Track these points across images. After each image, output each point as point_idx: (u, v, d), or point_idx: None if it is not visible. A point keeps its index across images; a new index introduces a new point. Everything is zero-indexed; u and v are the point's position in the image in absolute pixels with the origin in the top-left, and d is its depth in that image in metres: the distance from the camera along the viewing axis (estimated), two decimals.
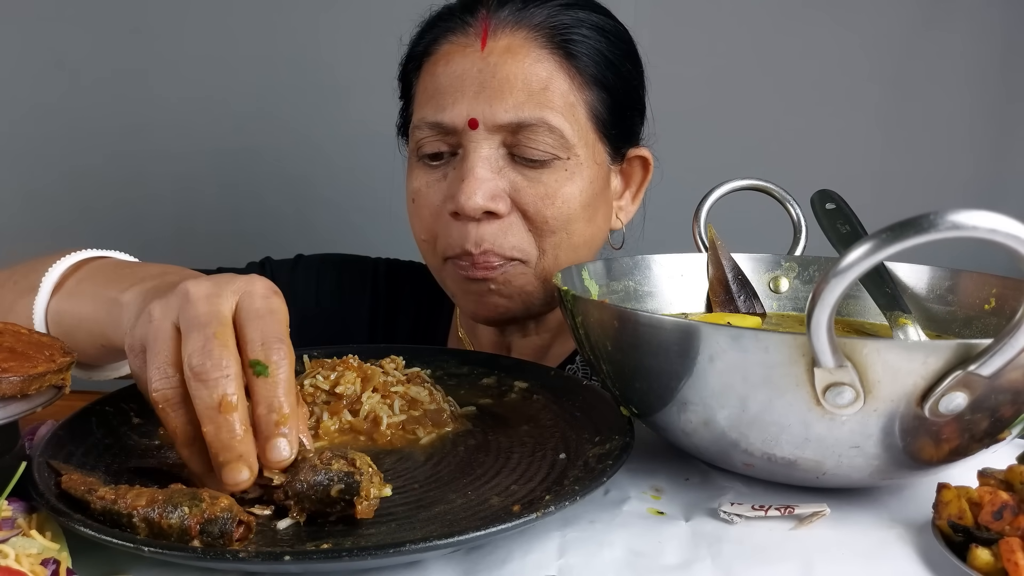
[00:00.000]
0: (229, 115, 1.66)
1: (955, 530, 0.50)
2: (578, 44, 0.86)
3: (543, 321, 0.99)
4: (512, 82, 0.83)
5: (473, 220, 0.84)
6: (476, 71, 0.84)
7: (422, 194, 0.89)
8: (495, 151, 0.84)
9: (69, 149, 1.67)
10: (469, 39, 0.86)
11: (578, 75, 0.86)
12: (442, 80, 0.86)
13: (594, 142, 0.88)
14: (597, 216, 0.91)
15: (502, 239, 0.85)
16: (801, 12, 1.63)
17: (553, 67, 0.84)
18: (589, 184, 0.87)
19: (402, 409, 0.69)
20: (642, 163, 0.97)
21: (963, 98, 1.64)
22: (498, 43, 0.84)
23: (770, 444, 0.55)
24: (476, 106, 0.83)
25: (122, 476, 0.58)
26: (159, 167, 1.68)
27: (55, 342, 0.59)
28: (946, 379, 0.48)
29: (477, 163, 0.83)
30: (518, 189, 0.85)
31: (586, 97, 0.87)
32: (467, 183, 0.82)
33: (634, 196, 0.98)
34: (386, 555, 0.46)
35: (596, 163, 0.88)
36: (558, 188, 0.84)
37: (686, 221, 0.86)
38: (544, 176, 0.84)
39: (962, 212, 0.43)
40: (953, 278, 0.77)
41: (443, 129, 0.85)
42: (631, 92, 0.92)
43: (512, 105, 0.83)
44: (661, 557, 0.52)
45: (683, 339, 0.54)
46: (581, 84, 0.86)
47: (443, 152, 0.87)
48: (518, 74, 0.83)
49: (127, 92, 1.66)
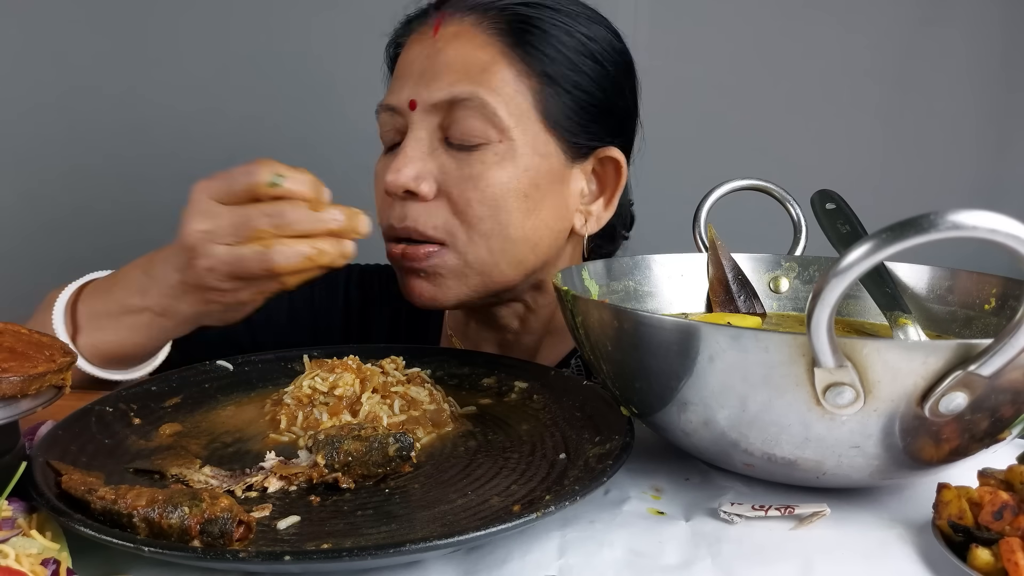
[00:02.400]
0: (228, 115, 1.66)
1: (955, 530, 0.50)
2: (532, 35, 0.85)
3: (527, 322, 0.98)
4: (452, 64, 0.84)
5: (399, 198, 0.86)
6: (424, 56, 0.86)
7: (376, 176, 0.92)
8: (430, 133, 0.86)
9: (69, 149, 1.67)
10: (427, 28, 0.89)
11: (524, 64, 0.85)
12: (399, 67, 0.90)
13: (536, 131, 0.85)
14: (540, 211, 0.87)
15: (424, 218, 0.85)
16: (801, 12, 1.63)
17: (498, 52, 0.85)
18: (524, 172, 0.85)
19: (402, 409, 0.69)
20: (615, 166, 0.92)
21: (963, 97, 1.64)
22: (448, 30, 0.87)
23: (770, 444, 0.55)
24: (417, 88, 0.85)
25: (122, 476, 0.59)
26: (158, 167, 1.67)
27: (55, 342, 0.59)
28: (946, 379, 0.48)
29: (409, 143, 0.85)
30: (446, 172, 0.85)
31: (533, 86, 0.85)
32: (396, 161, 0.85)
33: (608, 201, 0.93)
34: (386, 555, 0.46)
35: (538, 154, 0.86)
36: (484, 171, 0.84)
37: (686, 221, 0.86)
38: (473, 160, 0.84)
39: (962, 212, 0.43)
40: (953, 278, 0.77)
41: (392, 111, 0.88)
42: (599, 95, 0.89)
43: (447, 83, 0.84)
44: (661, 557, 0.52)
45: (683, 339, 0.54)
46: (528, 73, 0.85)
47: (397, 141, 0.89)
48: (460, 56, 0.85)
49: (126, 92, 1.66)
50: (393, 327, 1.08)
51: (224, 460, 0.62)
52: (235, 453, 0.64)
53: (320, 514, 0.54)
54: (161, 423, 0.68)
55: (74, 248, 1.69)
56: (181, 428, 0.68)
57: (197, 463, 0.60)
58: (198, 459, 0.61)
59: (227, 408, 0.73)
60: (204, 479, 0.57)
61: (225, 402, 0.74)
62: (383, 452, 0.58)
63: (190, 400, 0.73)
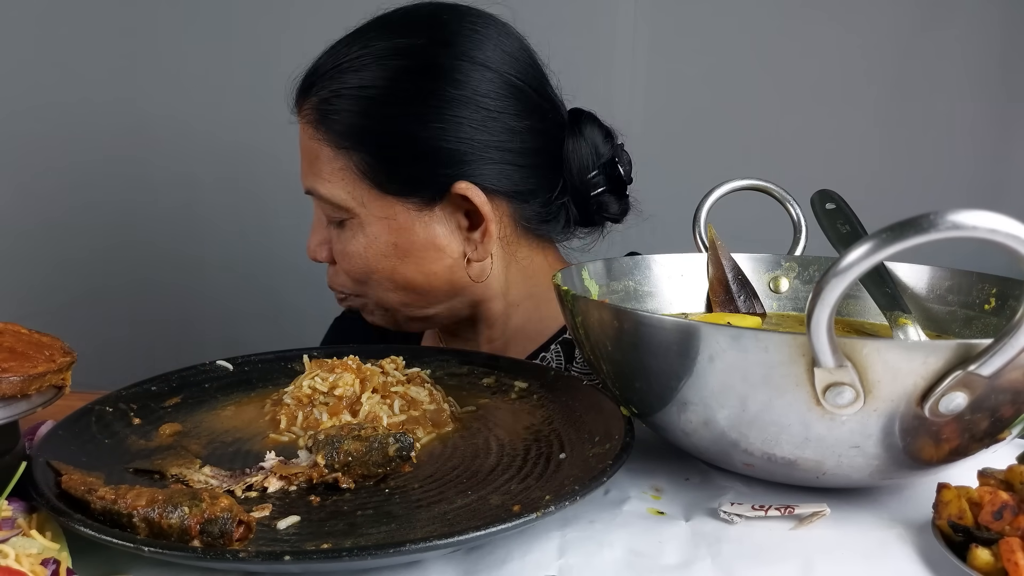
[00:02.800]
0: (228, 116, 1.66)
1: (955, 530, 0.50)
2: (332, 113, 0.89)
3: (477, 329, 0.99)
4: (304, 157, 0.93)
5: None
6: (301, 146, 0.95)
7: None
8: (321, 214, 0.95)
9: (68, 149, 1.67)
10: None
11: (335, 141, 0.89)
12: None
13: (373, 199, 0.89)
14: (414, 259, 0.90)
15: (335, 279, 0.97)
16: (801, 12, 1.63)
17: (319, 141, 0.90)
18: (375, 239, 0.90)
19: (402, 409, 0.69)
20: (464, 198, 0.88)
21: (963, 98, 1.64)
22: (300, 120, 0.94)
23: (770, 444, 0.55)
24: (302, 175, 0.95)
25: (122, 476, 0.59)
26: (158, 167, 1.68)
27: (55, 342, 0.59)
28: (946, 379, 0.48)
29: (314, 219, 0.97)
30: (332, 244, 0.95)
31: (351, 160, 0.89)
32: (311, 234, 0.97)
33: (484, 233, 0.90)
34: (386, 555, 0.46)
35: (383, 217, 0.89)
36: (345, 245, 0.92)
37: (686, 221, 0.86)
38: (342, 234, 0.92)
39: (962, 212, 0.43)
40: (953, 278, 0.77)
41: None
42: (402, 138, 0.88)
43: (303, 176, 0.93)
44: (661, 557, 0.52)
45: (683, 339, 0.54)
46: (340, 149, 0.89)
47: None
48: (305, 150, 0.93)
49: (126, 93, 1.66)
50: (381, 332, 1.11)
51: (224, 460, 0.62)
52: (235, 453, 0.64)
53: (320, 514, 0.54)
54: (161, 423, 0.68)
55: (74, 248, 1.69)
56: (181, 428, 0.68)
57: (197, 463, 0.60)
58: (198, 459, 0.61)
59: (227, 408, 0.73)
60: (204, 479, 0.57)
61: (225, 402, 0.74)
62: (383, 452, 0.58)
63: (190, 400, 0.73)
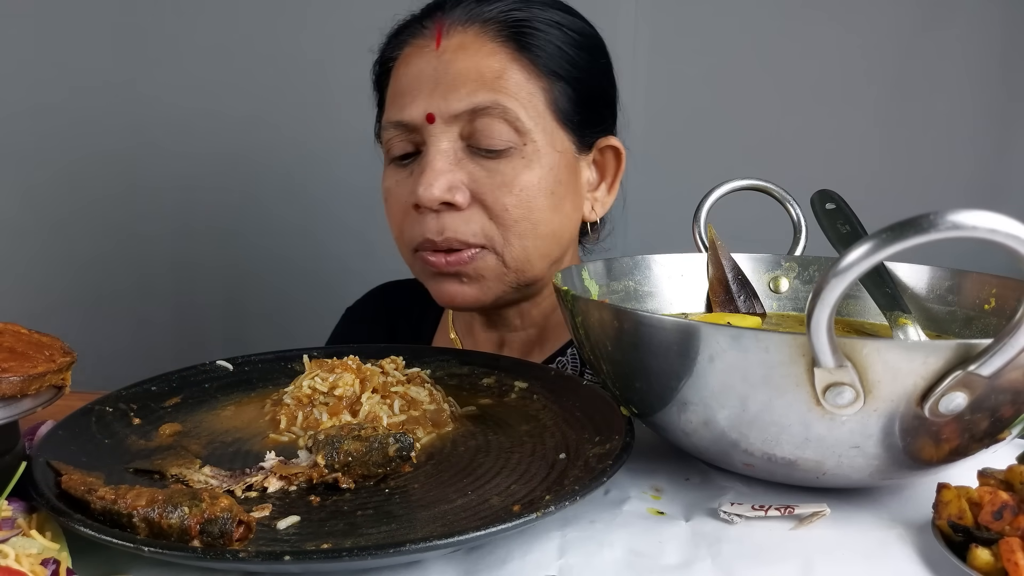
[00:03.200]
0: (228, 116, 1.66)
1: (955, 530, 0.50)
2: (533, 37, 0.88)
3: (527, 315, 1.00)
4: (465, 75, 0.86)
5: (433, 211, 0.87)
6: (431, 69, 0.87)
7: (392, 192, 0.93)
8: (453, 144, 0.87)
9: (68, 149, 1.67)
10: (426, 40, 0.89)
11: (533, 66, 0.88)
12: (403, 81, 0.90)
13: (553, 129, 0.89)
14: (564, 205, 0.91)
15: (463, 227, 0.87)
16: (801, 12, 1.63)
17: (506, 59, 0.87)
18: (549, 171, 0.88)
19: (402, 409, 0.69)
20: (614, 153, 0.97)
21: (963, 98, 1.64)
22: (451, 41, 0.88)
23: (770, 444, 0.55)
24: (432, 101, 0.86)
25: (122, 476, 0.58)
26: (158, 168, 1.68)
27: (55, 342, 0.59)
28: (946, 379, 0.48)
29: (435, 156, 0.86)
30: (476, 180, 0.87)
31: (543, 86, 0.88)
32: (425, 175, 0.85)
33: (610, 187, 0.98)
34: (386, 555, 0.46)
35: (557, 151, 0.89)
36: (515, 176, 0.86)
37: (686, 221, 0.86)
38: (502, 165, 0.86)
39: (962, 212, 0.43)
40: (953, 278, 0.77)
41: (405, 127, 0.89)
42: (594, 84, 0.94)
43: (466, 94, 0.85)
44: (661, 557, 0.52)
45: (683, 339, 0.54)
46: (537, 74, 0.88)
47: (410, 152, 0.90)
48: (471, 67, 0.86)
49: (127, 92, 1.66)
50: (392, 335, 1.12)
51: (224, 460, 0.62)
52: (235, 453, 0.64)
53: (320, 514, 0.54)
54: (161, 423, 0.68)
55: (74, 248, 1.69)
56: (181, 428, 0.68)
57: (197, 463, 0.60)
58: (198, 459, 0.61)
59: (227, 408, 0.73)
60: (204, 479, 0.57)
61: (225, 402, 0.74)
62: (383, 452, 0.58)
63: (190, 400, 0.73)
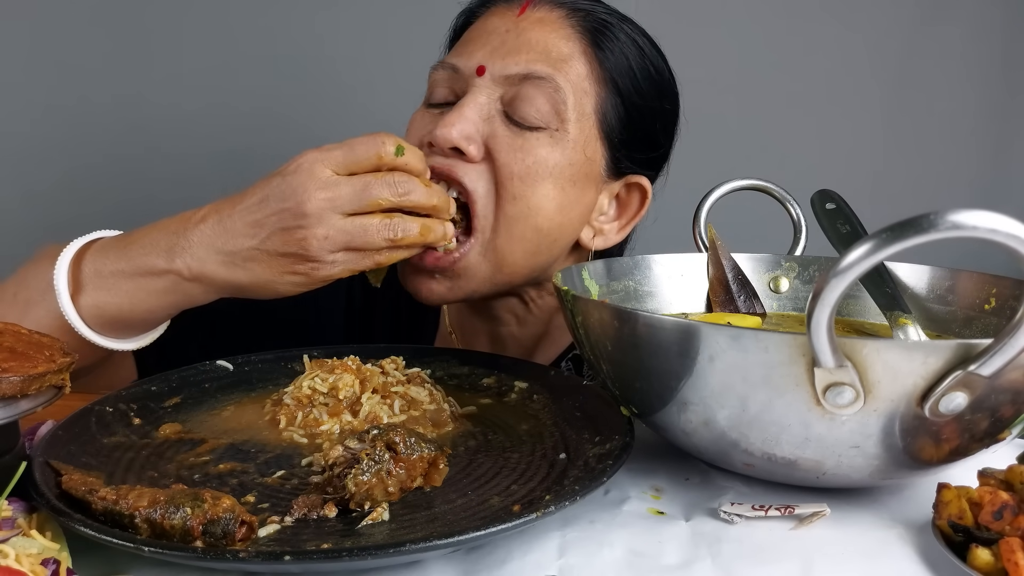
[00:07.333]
0: (230, 115, 1.66)
1: (955, 530, 0.50)
2: (610, 41, 0.88)
3: (529, 312, 0.99)
4: (533, 45, 0.86)
5: (442, 155, 0.83)
6: (504, 30, 0.87)
7: (412, 124, 0.90)
8: (490, 100, 0.85)
9: (69, 149, 1.67)
10: (512, 8, 0.90)
11: (599, 67, 0.87)
12: (474, 33, 0.90)
13: (591, 134, 0.87)
14: (568, 209, 0.87)
15: (462, 171, 0.83)
16: (802, 12, 1.63)
17: (578, 49, 0.86)
18: (569, 165, 0.85)
19: (402, 409, 0.69)
20: (640, 195, 0.94)
21: (964, 97, 1.64)
22: (535, 14, 0.88)
23: (770, 444, 0.55)
24: (491, 57, 0.86)
25: (122, 476, 0.59)
26: (159, 168, 1.67)
27: (55, 342, 0.59)
28: (946, 379, 0.48)
29: (468, 104, 0.84)
30: (497, 138, 0.83)
31: (600, 91, 0.87)
32: (449, 115, 0.83)
33: (623, 226, 0.95)
34: (386, 555, 0.46)
35: (585, 154, 0.87)
36: (536, 147, 0.83)
37: (686, 221, 0.86)
38: (527, 135, 0.83)
39: (962, 212, 0.43)
40: (953, 278, 0.77)
41: (455, 72, 0.87)
42: (648, 119, 0.92)
43: (525, 59, 0.84)
44: (661, 557, 0.52)
45: (683, 339, 0.54)
46: (599, 77, 0.87)
47: (450, 101, 0.88)
48: (543, 40, 0.86)
49: (128, 92, 1.66)
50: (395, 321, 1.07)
51: (224, 460, 0.62)
52: (235, 453, 0.64)
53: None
54: (161, 423, 0.68)
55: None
56: (181, 428, 0.68)
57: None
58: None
59: (227, 408, 0.73)
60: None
61: (225, 402, 0.74)
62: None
63: (190, 400, 0.73)
